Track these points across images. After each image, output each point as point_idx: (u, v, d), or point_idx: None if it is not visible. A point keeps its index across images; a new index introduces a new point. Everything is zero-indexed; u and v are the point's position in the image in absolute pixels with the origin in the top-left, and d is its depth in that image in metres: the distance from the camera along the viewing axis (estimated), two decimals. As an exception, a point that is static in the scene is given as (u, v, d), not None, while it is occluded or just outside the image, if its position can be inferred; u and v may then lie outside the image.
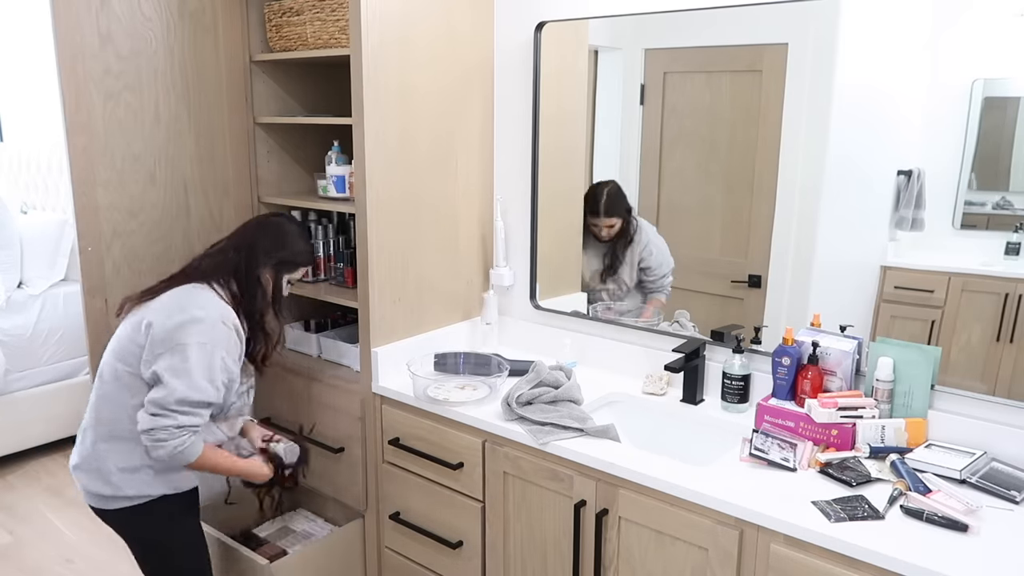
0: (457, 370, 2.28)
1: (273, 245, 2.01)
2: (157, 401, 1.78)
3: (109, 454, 1.88)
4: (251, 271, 1.98)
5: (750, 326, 2.09)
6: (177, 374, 1.78)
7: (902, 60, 1.76)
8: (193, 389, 1.79)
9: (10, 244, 3.76)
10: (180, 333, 1.80)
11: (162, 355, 1.80)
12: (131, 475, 1.89)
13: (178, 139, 2.33)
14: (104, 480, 1.89)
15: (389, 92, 2.12)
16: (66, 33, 2.05)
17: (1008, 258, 1.72)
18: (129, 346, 1.85)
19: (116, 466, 1.88)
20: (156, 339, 1.81)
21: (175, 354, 1.79)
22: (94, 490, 1.91)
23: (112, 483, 1.88)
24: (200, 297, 1.88)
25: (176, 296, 1.88)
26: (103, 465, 1.88)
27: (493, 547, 2.07)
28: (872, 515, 1.51)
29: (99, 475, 1.89)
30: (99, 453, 1.89)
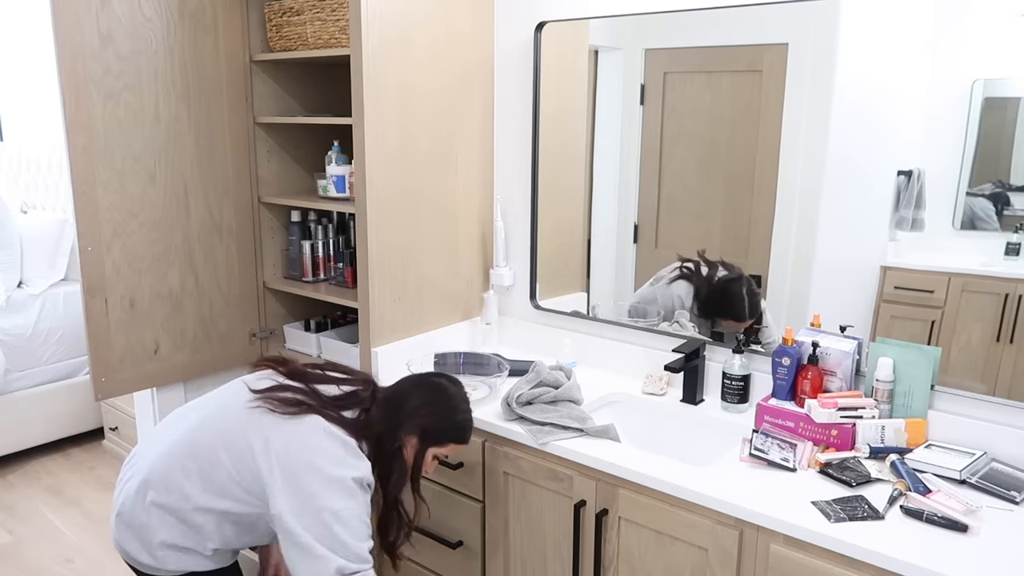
0: (457, 370, 2.28)
1: (426, 409, 1.75)
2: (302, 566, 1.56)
3: (161, 527, 1.64)
4: (394, 436, 1.72)
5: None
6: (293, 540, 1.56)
7: (902, 60, 1.76)
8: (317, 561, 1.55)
9: (10, 244, 3.76)
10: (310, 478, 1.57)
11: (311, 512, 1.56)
12: (178, 553, 1.66)
13: (178, 139, 2.33)
14: (147, 550, 1.66)
15: (389, 92, 2.13)
16: (66, 33, 2.05)
17: (1008, 258, 1.72)
18: (247, 457, 1.60)
19: (163, 541, 1.65)
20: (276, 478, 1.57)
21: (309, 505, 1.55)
22: (133, 553, 1.67)
23: (156, 556, 1.66)
24: (346, 449, 1.63)
25: (319, 436, 1.61)
26: (149, 535, 1.64)
27: (493, 547, 2.07)
28: (872, 515, 1.51)
29: (141, 542, 1.66)
30: (151, 519, 1.64)
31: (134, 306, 2.31)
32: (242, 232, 2.53)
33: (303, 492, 1.57)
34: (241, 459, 1.61)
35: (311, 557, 1.55)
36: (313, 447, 1.60)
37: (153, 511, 1.65)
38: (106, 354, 2.27)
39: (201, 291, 2.45)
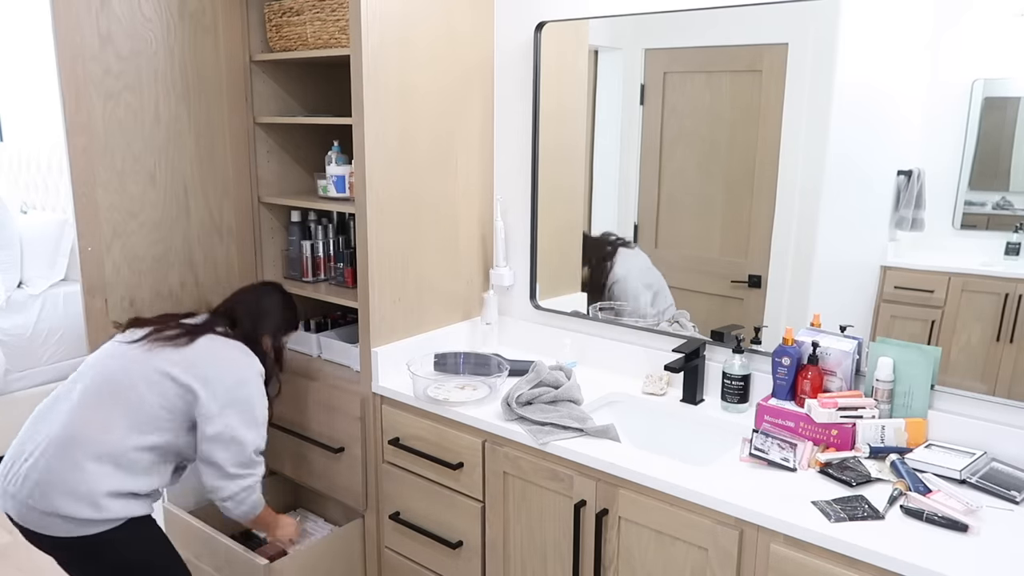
0: (457, 370, 2.28)
1: (271, 313, 2.18)
2: (238, 461, 1.93)
3: (103, 478, 1.79)
4: (257, 338, 2.11)
5: (750, 326, 2.09)
6: (249, 425, 1.94)
7: (902, 60, 1.76)
8: (262, 438, 1.99)
9: (10, 244, 3.76)
10: (244, 388, 1.95)
11: (228, 410, 1.92)
12: (120, 499, 1.82)
13: (178, 139, 2.33)
14: (90, 502, 1.77)
15: (389, 92, 2.13)
16: (66, 34, 2.05)
17: (1008, 258, 1.72)
18: (169, 387, 1.89)
19: (107, 490, 1.79)
20: (219, 393, 1.91)
21: (243, 407, 1.94)
22: (72, 513, 1.77)
23: (99, 505, 1.78)
24: (245, 353, 2.02)
25: (223, 350, 1.99)
26: (93, 487, 1.78)
27: (493, 547, 2.07)
28: (872, 515, 1.51)
29: (84, 497, 1.77)
30: (88, 475, 1.78)
31: (134, 306, 2.31)
32: (242, 232, 2.53)
33: (229, 390, 1.92)
34: (161, 385, 1.88)
35: (236, 443, 1.93)
36: (221, 356, 1.97)
37: (88, 465, 1.80)
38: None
39: (201, 291, 2.45)
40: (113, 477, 1.81)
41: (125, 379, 1.88)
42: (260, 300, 2.18)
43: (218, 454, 1.91)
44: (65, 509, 1.77)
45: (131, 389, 1.87)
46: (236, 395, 1.94)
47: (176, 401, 1.89)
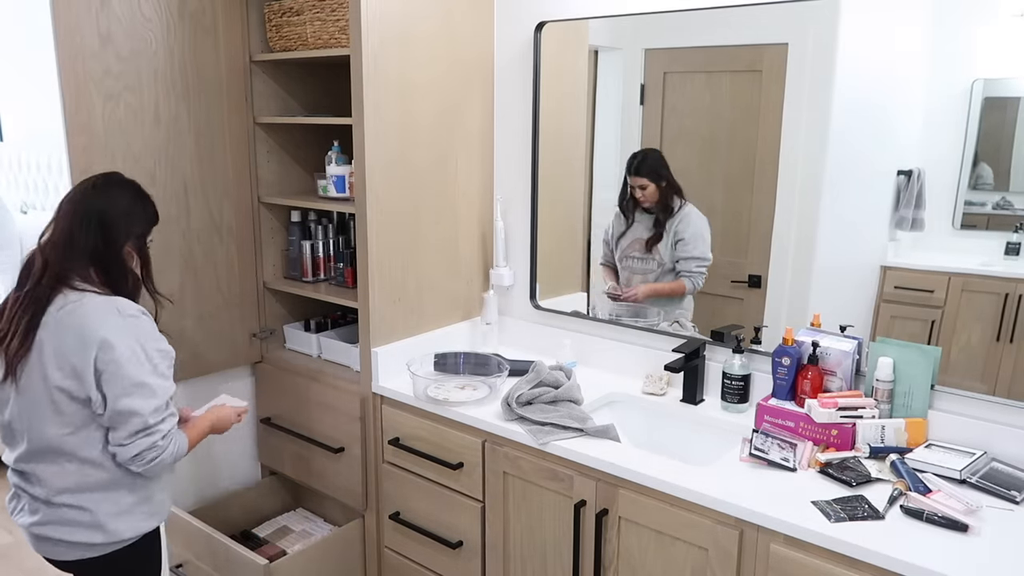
0: (457, 370, 2.28)
1: (125, 216, 1.74)
2: (133, 426, 1.64)
3: (100, 503, 1.70)
4: (115, 254, 1.73)
5: (750, 326, 2.09)
6: (130, 393, 1.63)
7: (902, 60, 1.76)
8: (155, 395, 1.66)
9: (10, 244, 3.76)
10: (104, 356, 1.62)
11: (104, 382, 1.63)
12: (126, 517, 1.74)
13: (178, 139, 2.33)
14: (98, 528, 1.70)
15: (389, 92, 2.12)
16: (66, 34, 2.05)
17: (1008, 258, 1.72)
18: (64, 382, 1.64)
19: (109, 513, 1.71)
20: (80, 371, 1.62)
21: (115, 378, 1.62)
22: (82, 540, 1.70)
23: (108, 530, 1.71)
24: (85, 308, 1.65)
25: (67, 318, 1.64)
26: (95, 516, 1.70)
27: (493, 547, 2.07)
28: (872, 515, 1.51)
29: (89, 526, 1.70)
30: (84, 505, 1.69)
31: (134, 306, 2.31)
32: (242, 232, 2.53)
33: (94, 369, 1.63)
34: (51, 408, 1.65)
35: (130, 415, 1.64)
36: (81, 323, 1.63)
37: (83, 497, 1.69)
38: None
39: (201, 291, 2.45)
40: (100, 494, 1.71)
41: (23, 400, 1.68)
42: (102, 205, 1.71)
43: (119, 431, 1.66)
44: (80, 538, 1.72)
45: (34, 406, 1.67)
46: (102, 367, 1.62)
47: (67, 408, 1.66)
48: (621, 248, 2.32)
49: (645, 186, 2.21)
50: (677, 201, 2.19)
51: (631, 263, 2.30)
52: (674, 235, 2.19)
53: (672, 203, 2.19)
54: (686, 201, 2.18)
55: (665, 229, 2.20)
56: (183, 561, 2.47)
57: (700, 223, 2.16)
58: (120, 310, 1.67)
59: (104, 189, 1.75)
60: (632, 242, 2.29)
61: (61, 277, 1.67)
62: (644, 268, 2.27)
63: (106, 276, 1.72)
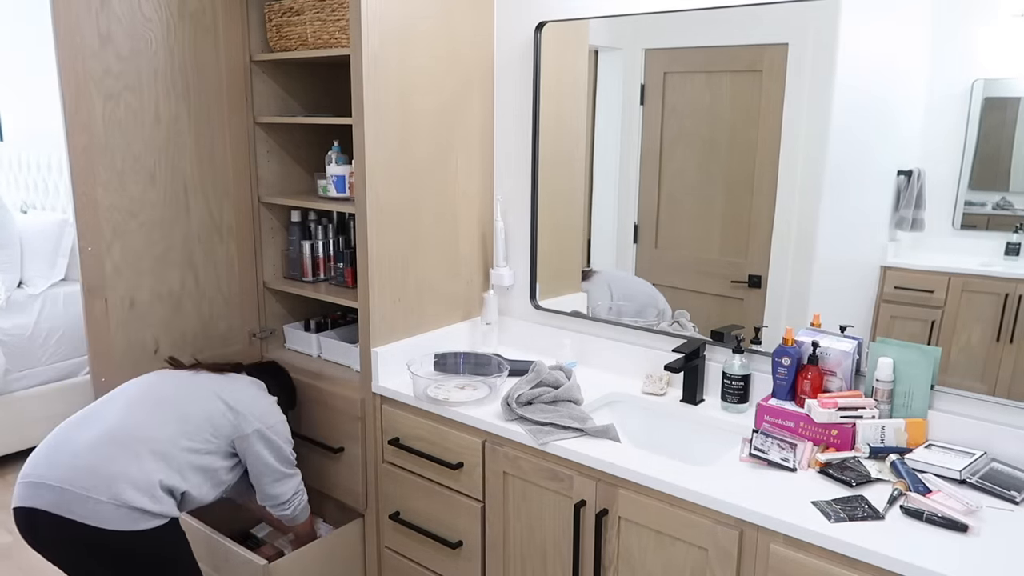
0: (457, 370, 2.28)
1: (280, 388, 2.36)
2: (281, 456, 2.15)
3: (158, 472, 1.88)
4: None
5: (750, 326, 2.09)
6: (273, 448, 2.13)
7: (902, 60, 1.76)
8: (288, 454, 2.19)
9: (10, 244, 3.76)
10: (273, 418, 2.15)
11: (255, 439, 2.09)
12: (170, 497, 1.91)
13: (178, 139, 2.33)
14: (149, 494, 1.85)
15: (389, 92, 2.13)
16: (66, 34, 2.05)
17: (1008, 258, 1.72)
18: (216, 405, 2.06)
19: (162, 483, 1.88)
20: (255, 416, 2.10)
21: (265, 438, 2.11)
22: (130, 501, 1.81)
23: (156, 497, 1.86)
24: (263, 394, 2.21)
25: (259, 389, 2.20)
26: (152, 478, 1.86)
27: (493, 547, 2.07)
28: (872, 515, 1.51)
29: (144, 488, 1.84)
30: (148, 466, 1.87)
31: (134, 306, 2.31)
32: (242, 232, 2.53)
33: (262, 417, 2.12)
34: (208, 402, 2.05)
35: (282, 476, 2.18)
36: (257, 393, 2.17)
37: (148, 457, 1.88)
38: (106, 354, 2.27)
39: (201, 291, 2.45)
40: (166, 473, 1.90)
41: (173, 393, 2.04)
42: (272, 376, 2.35)
43: (263, 454, 2.11)
44: (124, 496, 1.81)
45: (180, 401, 2.02)
46: (267, 420, 2.13)
47: (220, 420, 2.04)
48: None
49: None
50: None
51: None
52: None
53: None
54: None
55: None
56: (183, 561, 2.47)
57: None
58: (277, 417, 2.21)
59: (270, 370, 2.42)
60: None
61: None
62: None
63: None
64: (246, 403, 2.11)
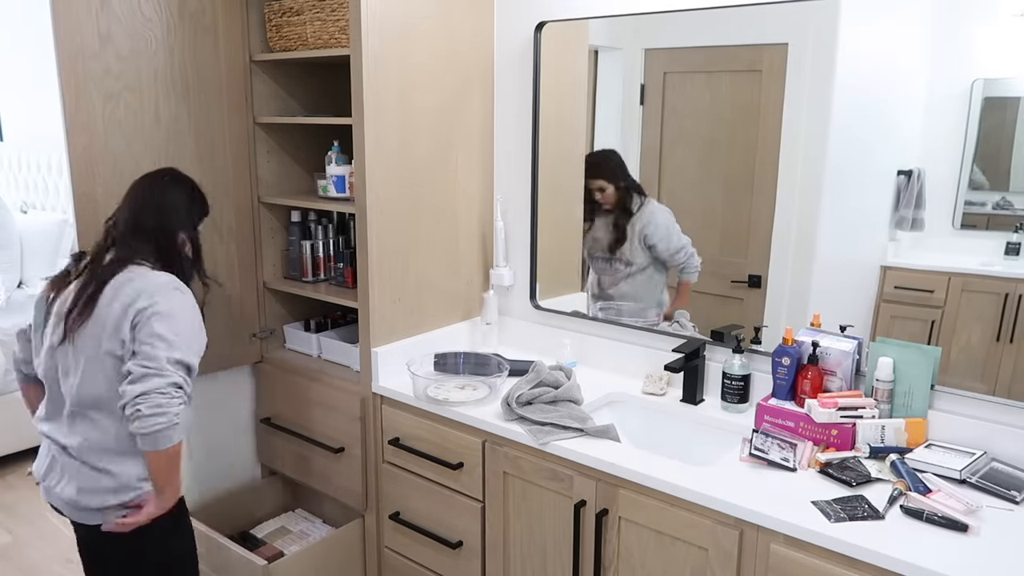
0: (457, 370, 2.28)
1: (180, 208, 1.91)
2: (143, 363, 1.68)
3: (130, 466, 1.78)
4: (171, 242, 1.88)
5: (750, 326, 2.09)
6: (154, 344, 1.69)
7: (902, 60, 1.76)
8: (176, 350, 1.71)
9: (10, 244, 3.76)
10: (145, 309, 1.71)
11: (136, 329, 1.71)
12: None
13: (178, 139, 2.33)
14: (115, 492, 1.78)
15: (389, 93, 2.12)
16: (66, 34, 2.05)
17: (1008, 258, 1.72)
18: (111, 343, 1.73)
19: (138, 476, 1.78)
20: (120, 323, 1.72)
21: (146, 326, 1.70)
22: (109, 503, 1.79)
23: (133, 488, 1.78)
24: (144, 277, 1.77)
25: (125, 286, 1.75)
26: (119, 479, 1.78)
27: (493, 547, 2.07)
28: (872, 515, 1.51)
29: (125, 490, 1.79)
30: (110, 468, 1.78)
31: (134, 306, 2.31)
32: (242, 232, 2.53)
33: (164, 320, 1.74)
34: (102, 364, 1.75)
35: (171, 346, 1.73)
36: (136, 287, 1.76)
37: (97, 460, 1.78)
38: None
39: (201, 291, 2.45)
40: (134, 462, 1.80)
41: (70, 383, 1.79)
42: (165, 198, 1.90)
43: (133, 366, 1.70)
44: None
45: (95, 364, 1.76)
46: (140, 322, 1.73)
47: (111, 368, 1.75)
48: (587, 248, 2.37)
49: (604, 188, 2.23)
50: (637, 200, 2.20)
51: (597, 264, 2.34)
52: (643, 238, 2.21)
53: (631, 205, 2.21)
54: (647, 198, 2.19)
55: (627, 232, 2.22)
56: (183, 561, 2.47)
57: (665, 218, 2.19)
58: (178, 285, 1.81)
59: (168, 184, 1.94)
60: (594, 243, 2.33)
61: (123, 259, 1.81)
62: (612, 269, 2.30)
63: (164, 260, 1.85)
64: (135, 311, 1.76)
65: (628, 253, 2.24)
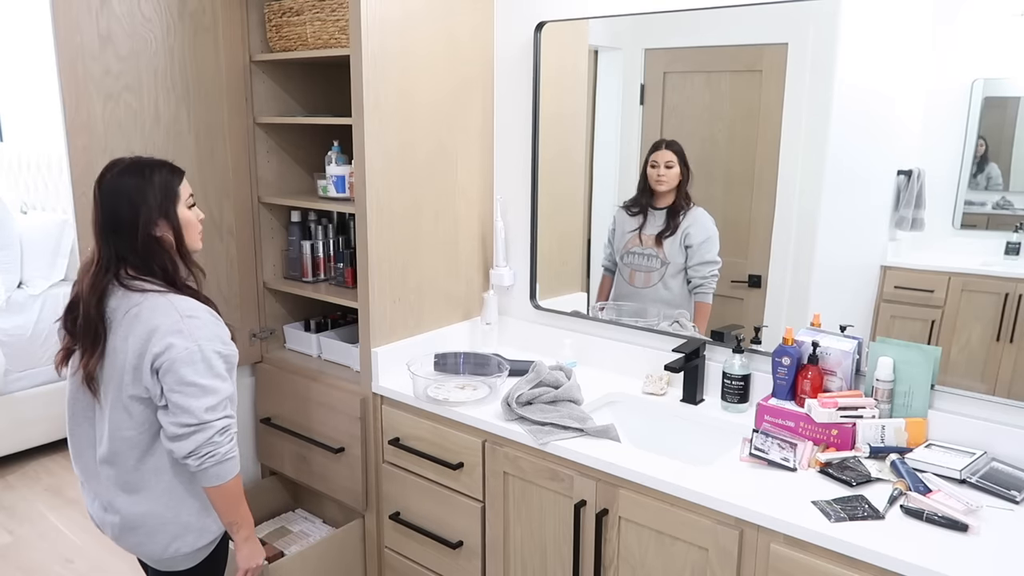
0: (457, 370, 2.28)
1: (150, 195, 1.70)
2: (182, 421, 1.63)
3: (181, 506, 1.74)
4: (151, 241, 1.70)
5: (750, 326, 2.09)
6: (183, 392, 1.63)
7: (902, 60, 1.76)
8: (207, 394, 1.65)
9: (10, 244, 3.76)
10: (160, 355, 1.62)
11: (160, 378, 1.64)
12: (207, 513, 1.77)
13: (178, 139, 2.33)
14: (178, 537, 1.75)
15: (389, 93, 2.13)
16: (66, 34, 2.05)
17: (1008, 258, 1.72)
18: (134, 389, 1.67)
19: (191, 513, 1.75)
20: (141, 370, 1.64)
21: (168, 374, 1.63)
22: (188, 549, 1.76)
23: (199, 529, 1.77)
24: (145, 311, 1.66)
25: (133, 323, 1.65)
26: (180, 518, 1.74)
27: (493, 547, 2.07)
28: (872, 515, 1.51)
29: (185, 529, 1.75)
30: (170, 509, 1.73)
31: (134, 306, 2.31)
32: (242, 232, 2.53)
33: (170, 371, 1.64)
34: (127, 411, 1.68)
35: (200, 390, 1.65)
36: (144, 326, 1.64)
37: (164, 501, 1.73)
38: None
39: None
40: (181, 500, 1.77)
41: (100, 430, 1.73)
42: (134, 193, 1.69)
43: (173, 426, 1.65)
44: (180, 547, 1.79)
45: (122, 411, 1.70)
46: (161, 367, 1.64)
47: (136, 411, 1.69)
48: (624, 244, 2.28)
49: (672, 163, 2.11)
50: (689, 200, 2.15)
51: (633, 259, 2.26)
52: (684, 237, 2.16)
53: (688, 197, 2.14)
54: (695, 204, 2.16)
55: (678, 224, 2.16)
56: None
57: (710, 226, 2.13)
58: (179, 311, 1.66)
59: (119, 177, 1.71)
60: (637, 237, 2.23)
61: (109, 268, 1.68)
62: (647, 266, 2.23)
63: (148, 265, 1.70)
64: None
65: (668, 250, 2.17)
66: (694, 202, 2.16)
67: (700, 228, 2.14)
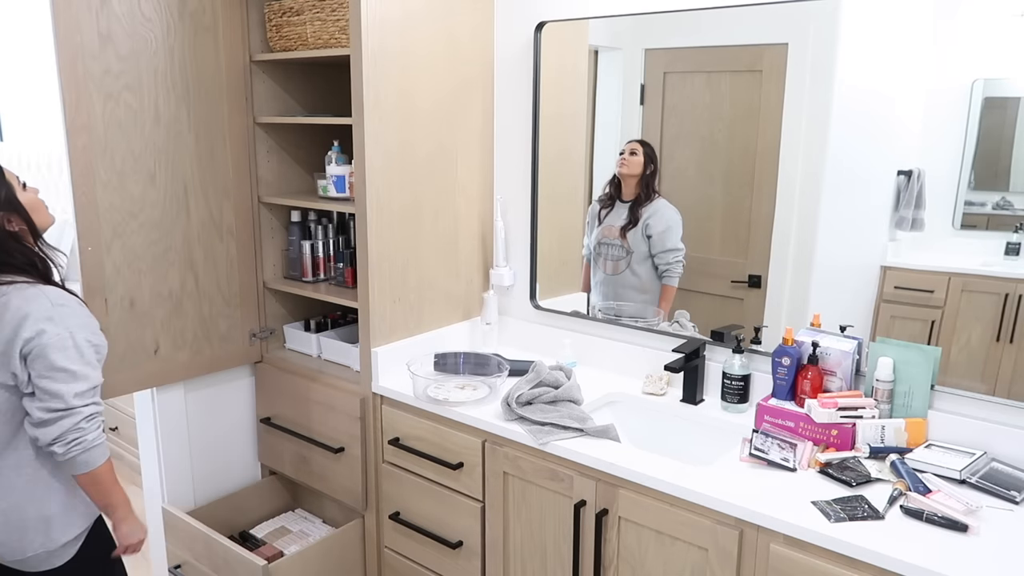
0: (457, 370, 2.28)
1: None
2: (50, 406, 1.62)
3: (31, 501, 1.69)
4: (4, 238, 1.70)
5: (750, 326, 2.09)
6: (53, 377, 1.62)
7: (902, 60, 1.76)
8: (78, 380, 1.64)
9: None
10: (30, 340, 1.61)
11: (28, 364, 1.63)
12: (70, 511, 1.73)
13: (178, 139, 2.33)
14: (43, 532, 1.70)
15: (389, 93, 2.13)
16: (66, 33, 2.05)
17: (1008, 258, 1.72)
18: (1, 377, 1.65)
19: (47, 511, 1.70)
20: (9, 356, 1.63)
21: (38, 360, 1.62)
22: (36, 550, 1.69)
23: (56, 527, 1.71)
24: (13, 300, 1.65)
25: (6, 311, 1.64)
26: (29, 514, 1.68)
27: (493, 547, 2.07)
28: (872, 515, 1.51)
29: (33, 529, 1.69)
30: (33, 504, 1.69)
31: (134, 306, 2.31)
32: (242, 232, 2.53)
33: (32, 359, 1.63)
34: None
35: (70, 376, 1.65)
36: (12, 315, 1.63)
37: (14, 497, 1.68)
38: (106, 354, 2.27)
39: (201, 291, 2.45)
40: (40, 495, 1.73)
41: None
42: None
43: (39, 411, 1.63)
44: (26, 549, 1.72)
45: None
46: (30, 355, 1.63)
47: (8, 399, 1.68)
48: (597, 236, 2.36)
49: (636, 151, 2.21)
50: (653, 191, 2.22)
51: (604, 249, 2.34)
52: (645, 228, 2.23)
53: (650, 188, 2.22)
54: (659, 195, 2.21)
55: (639, 217, 2.24)
56: (181, 562, 2.47)
57: (671, 216, 2.21)
58: (51, 299, 1.67)
59: None
60: (607, 228, 2.32)
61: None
62: (615, 255, 2.31)
63: (9, 263, 1.69)
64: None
65: (632, 240, 2.26)
66: (656, 196, 2.22)
67: (660, 218, 2.22)
